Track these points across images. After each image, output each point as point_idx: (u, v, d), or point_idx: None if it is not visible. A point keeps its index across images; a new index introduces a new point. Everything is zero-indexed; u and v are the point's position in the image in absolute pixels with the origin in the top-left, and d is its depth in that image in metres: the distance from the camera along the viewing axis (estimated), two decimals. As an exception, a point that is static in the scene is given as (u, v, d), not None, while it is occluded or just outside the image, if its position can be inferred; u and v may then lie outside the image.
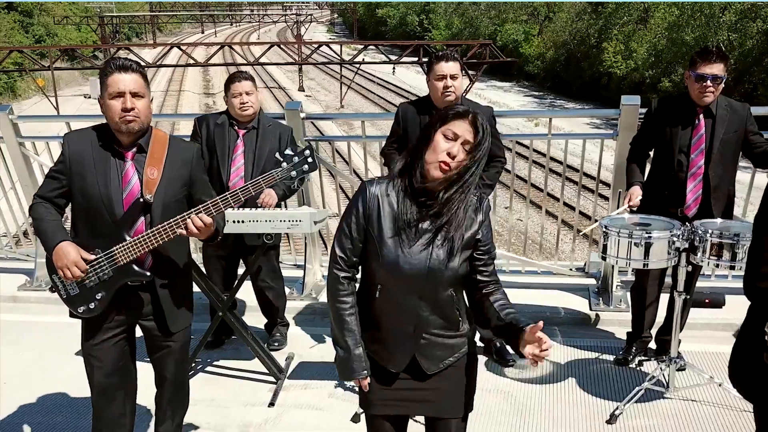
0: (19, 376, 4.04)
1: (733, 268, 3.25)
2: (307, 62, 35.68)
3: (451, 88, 3.55)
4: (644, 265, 3.38)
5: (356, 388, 3.75)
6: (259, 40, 58.30)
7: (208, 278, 3.81)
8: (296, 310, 4.77)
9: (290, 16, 72.80)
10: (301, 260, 5.10)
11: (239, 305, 4.71)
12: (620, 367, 3.98)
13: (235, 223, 3.40)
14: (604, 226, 3.43)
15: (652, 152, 3.87)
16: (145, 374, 2.96)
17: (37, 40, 41.07)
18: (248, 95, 3.88)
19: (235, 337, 4.20)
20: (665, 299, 3.90)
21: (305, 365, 4.11)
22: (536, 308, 4.63)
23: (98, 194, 2.55)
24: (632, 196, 3.71)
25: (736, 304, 2.96)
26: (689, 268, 3.45)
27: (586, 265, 5.05)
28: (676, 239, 3.31)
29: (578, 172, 5.56)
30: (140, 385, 2.91)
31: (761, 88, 23.62)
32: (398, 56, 37.06)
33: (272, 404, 3.70)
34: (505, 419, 3.50)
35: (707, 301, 3.75)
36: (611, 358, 4.08)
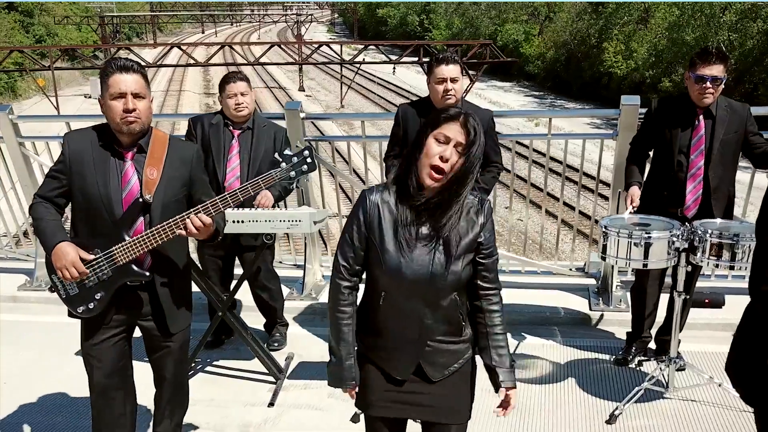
0: (19, 376, 4.05)
1: (732, 268, 3.26)
2: (307, 62, 35.67)
3: (451, 91, 3.56)
4: (644, 265, 3.37)
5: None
6: (259, 40, 58.35)
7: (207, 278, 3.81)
8: (296, 310, 4.77)
9: (290, 16, 72.78)
10: (301, 260, 5.10)
11: (238, 305, 4.71)
12: (620, 367, 3.98)
13: (234, 223, 3.40)
14: (603, 226, 3.43)
15: (651, 152, 3.87)
16: (144, 374, 2.95)
17: (37, 40, 41.09)
18: (243, 96, 3.88)
19: (234, 337, 4.20)
20: (665, 299, 3.89)
21: (305, 365, 4.11)
22: (536, 308, 4.64)
23: (98, 194, 2.55)
24: (633, 197, 3.71)
25: (736, 304, 2.95)
26: (689, 268, 3.45)
27: (585, 265, 5.05)
28: (675, 239, 3.31)
29: (578, 172, 5.56)
30: (140, 385, 2.91)
31: (762, 88, 23.61)
32: (398, 56, 37.04)
33: (272, 404, 3.70)
34: (504, 419, 3.50)
35: (707, 301, 3.74)
36: (611, 358, 4.08)
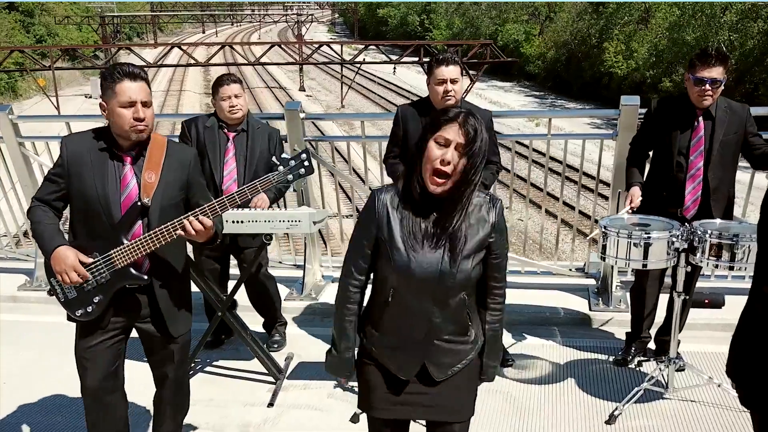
0: (19, 376, 4.05)
1: (732, 268, 3.25)
2: (307, 62, 35.67)
3: (451, 92, 3.55)
4: (643, 265, 3.37)
5: (356, 388, 3.76)
6: (260, 40, 58.35)
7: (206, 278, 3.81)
8: (296, 310, 4.77)
9: (291, 16, 72.81)
10: (300, 260, 5.10)
11: (238, 305, 4.70)
12: (619, 367, 3.98)
13: (234, 223, 3.40)
14: (603, 226, 3.42)
15: (651, 153, 3.86)
16: (144, 374, 2.95)
17: (38, 39, 41.10)
18: (237, 98, 3.88)
19: (234, 337, 4.20)
20: (665, 299, 3.89)
21: (304, 365, 4.11)
22: (536, 308, 4.64)
23: (96, 197, 2.55)
24: (633, 197, 3.71)
25: (735, 304, 2.95)
26: (688, 268, 3.45)
27: (585, 265, 5.05)
28: (675, 240, 3.30)
29: (578, 171, 5.56)
30: (139, 385, 2.91)
31: (762, 88, 23.60)
32: (399, 56, 37.03)
33: (271, 404, 3.70)
34: (504, 419, 3.51)
35: (707, 301, 3.74)
36: (610, 358, 4.07)
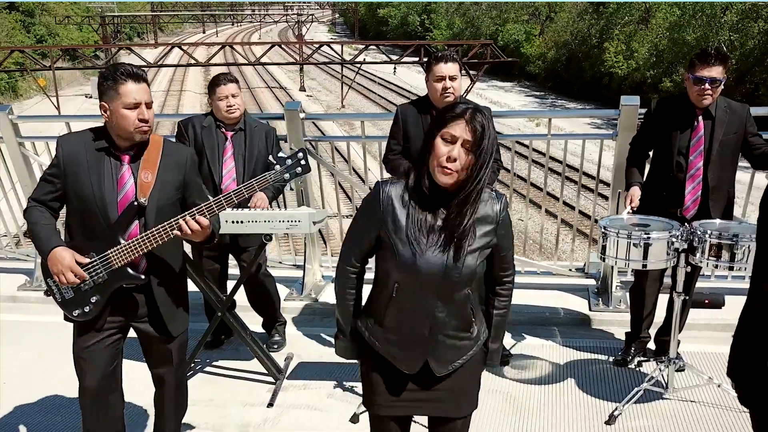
0: (18, 376, 4.05)
1: (732, 268, 3.25)
2: (308, 62, 35.69)
3: (450, 89, 3.55)
4: (643, 265, 3.37)
5: (356, 388, 3.77)
6: (260, 40, 58.32)
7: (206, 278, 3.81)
8: (295, 310, 4.77)
9: (291, 16, 72.85)
10: (300, 260, 5.10)
11: (237, 305, 4.70)
12: (619, 367, 3.97)
13: (234, 223, 3.40)
14: (603, 226, 3.42)
15: (651, 153, 3.86)
16: (144, 374, 2.95)
17: (38, 39, 41.09)
18: (234, 98, 3.88)
19: (234, 337, 4.20)
20: (665, 300, 3.89)
21: (304, 365, 4.11)
22: (536, 309, 4.64)
23: (92, 197, 2.55)
24: (633, 197, 3.71)
25: (735, 304, 2.95)
26: (688, 268, 3.44)
27: (585, 265, 5.05)
28: (675, 240, 3.30)
29: (578, 171, 5.56)
30: (139, 385, 2.91)
31: (762, 88, 23.59)
32: (399, 56, 37.04)
33: (271, 404, 3.70)
34: (504, 419, 3.51)
35: (707, 301, 3.73)
36: (610, 358, 4.07)
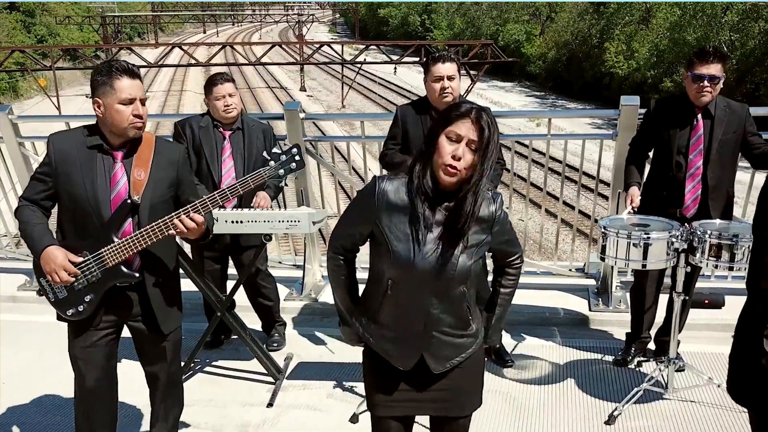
0: (18, 376, 4.05)
1: (732, 269, 3.25)
2: (308, 62, 35.69)
3: (448, 89, 3.54)
4: (643, 266, 3.37)
5: (356, 388, 3.77)
6: (260, 40, 58.37)
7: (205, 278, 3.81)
8: (295, 310, 4.77)
9: (292, 16, 72.83)
10: (300, 260, 5.10)
11: (236, 305, 4.70)
12: (619, 367, 3.97)
13: (234, 223, 3.40)
14: (602, 226, 3.42)
15: (651, 153, 3.86)
16: (140, 374, 2.95)
17: (39, 39, 41.13)
18: (231, 97, 3.87)
19: (234, 337, 4.20)
20: (665, 300, 3.89)
21: (304, 365, 4.11)
22: (535, 309, 4.63)
23: (85, 195, 2.53)
24: (633, 197, 3.71)
25: (735, 304, 2.94)
26: (688, 268, 3.44)
27: (585, 265, 5.04)
28: (674, 240, 3.30)
29: (578, 171, 5.55)
30: (135, 384, 2.90)
31: (763, 88, 23.59)
32: (400, 56, 37.02)
33: (271, 404, 3.70)
34: (504, 420, 3.50)
35: (707, 301, 3.73)
36: (610, 358, 4.07)
